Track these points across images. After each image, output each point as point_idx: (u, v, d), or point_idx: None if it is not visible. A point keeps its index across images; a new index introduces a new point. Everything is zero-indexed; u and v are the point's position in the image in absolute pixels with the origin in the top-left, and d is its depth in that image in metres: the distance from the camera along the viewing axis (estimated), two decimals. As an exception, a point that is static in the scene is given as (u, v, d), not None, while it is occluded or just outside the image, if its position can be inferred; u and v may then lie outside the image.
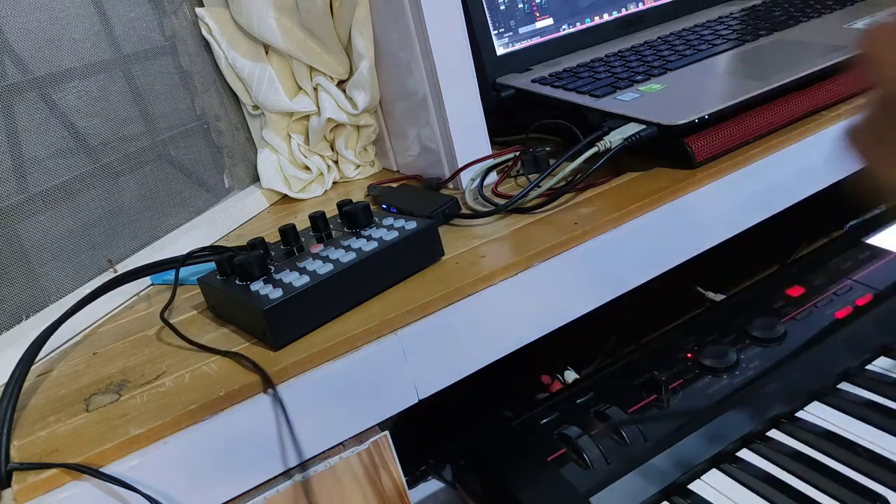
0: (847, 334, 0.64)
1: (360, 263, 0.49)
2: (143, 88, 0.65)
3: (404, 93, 0.68)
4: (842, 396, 0.61)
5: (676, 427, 0.57)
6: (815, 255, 0.76)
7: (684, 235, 0.58)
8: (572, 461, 0.56)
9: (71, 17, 0.59)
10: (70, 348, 0.55)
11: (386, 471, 0.48)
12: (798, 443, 0.57)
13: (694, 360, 0.64)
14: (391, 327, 0.47)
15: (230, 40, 0.71)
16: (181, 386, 0.45)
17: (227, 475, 0.43)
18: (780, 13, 0.81)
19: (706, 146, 0.58)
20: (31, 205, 0.55)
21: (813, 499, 0.52)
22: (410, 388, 0.48)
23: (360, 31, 0.69)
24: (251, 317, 0.47)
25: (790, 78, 0.61)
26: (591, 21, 0.83)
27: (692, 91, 0.64)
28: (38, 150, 0.56)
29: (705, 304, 0.77)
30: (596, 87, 0.68)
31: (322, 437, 0.46)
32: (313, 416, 0.45)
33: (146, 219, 0.65)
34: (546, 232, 0.54)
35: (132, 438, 0.41)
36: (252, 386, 0.44)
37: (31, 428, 0.44)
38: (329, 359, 0.45)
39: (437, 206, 0.60)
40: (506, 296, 0.50)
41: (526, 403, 0.64)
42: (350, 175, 0.80)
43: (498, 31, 0.77)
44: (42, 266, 0.55)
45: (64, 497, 0.39)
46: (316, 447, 0.46)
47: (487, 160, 0.66)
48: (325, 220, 0.55)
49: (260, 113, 0.76)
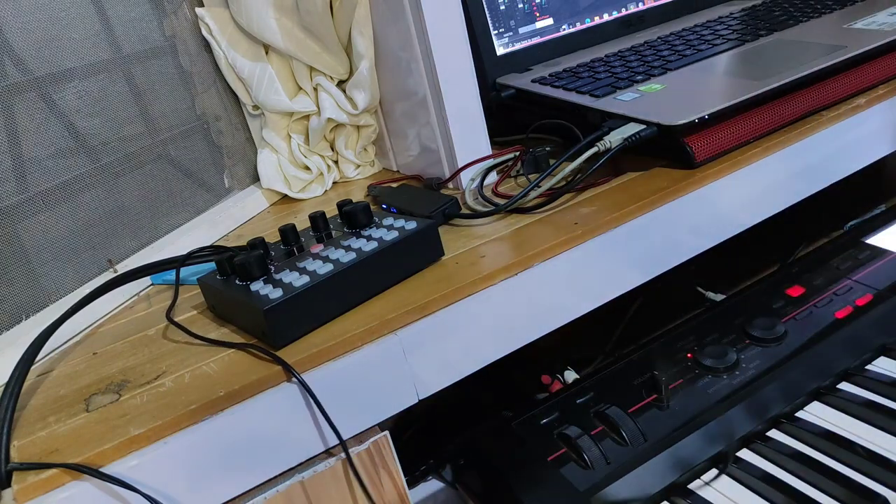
0: (847, 334, 0.64)
1: (360, 263, 0.49)
2: (143, 88, 0.65)
3: (404, 93, 0.68)
4: (842, 396, 0.61)
5: (676, 427, 0.57)
6: (815, 255, 0.76)
7: (684, 235, 0.58)
8: (572, 461, 0.56)
9: (71, 17, 0.59)
10: (70, 348, 0.55)
11: (386, 471, 0.48)
12: (798, 443, 0.57)
13: (694, 360, 0.64)
14: (391, 327, 0.47)
15: (230, 40, 0.71)
16: (181, 386, 0.45)
17: (226, 475, 0.43)
18: (780, 13, 0.81)
19: (706, 146, 0.58)
20: (31, 205, 0.55)
21: (813, 499, 0.52)
22: (410, 388, 0.48)
23: (360, 31, 0.69)
24: (251, 317, 0.47)
25: (790, 78, 0.61)
26: (591, 21, 0.83)
27: (692, 91, 0.64)
28: (38, 150, 0.56)
29: (705, 304, 0.77)
30: (596, 87, 0.68)
31: (322, 436, 0.46)
32: (313, 416, 0.45)
33: (146, 219, 0.65)
34: (546, 232, 0.54)
35: (132, 438, 0.41)
36: (252, 386, 0.44)
37: (31, 428, 0.44)
38: (329, 359, 0.45)
39: (437, 206, 0.60)
40: (506, 296, 0.50)
41: (526, 403, 0.64)
42: (350, 175, 0.80)
43: (498, 31, 0.77)
44: (42, 266, 0.55)
45: (64, 497, 0.39)
46: (316, 447, 0.46)
47: (487, 160, 0.66)
48: (325, 220, 0.55)
49: (260, 113, 0.76)
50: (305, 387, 0.43)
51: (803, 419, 0.59)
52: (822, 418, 0.59)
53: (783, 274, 0.74)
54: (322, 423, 0.45)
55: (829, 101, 0.65)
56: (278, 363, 0.44)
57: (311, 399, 0.43)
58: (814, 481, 0.53)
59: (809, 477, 0.54)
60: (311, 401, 0.44)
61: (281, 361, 0.44)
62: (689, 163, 0.58)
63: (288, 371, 0.43)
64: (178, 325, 0.53)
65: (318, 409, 0.44)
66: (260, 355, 0.46)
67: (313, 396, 0.43)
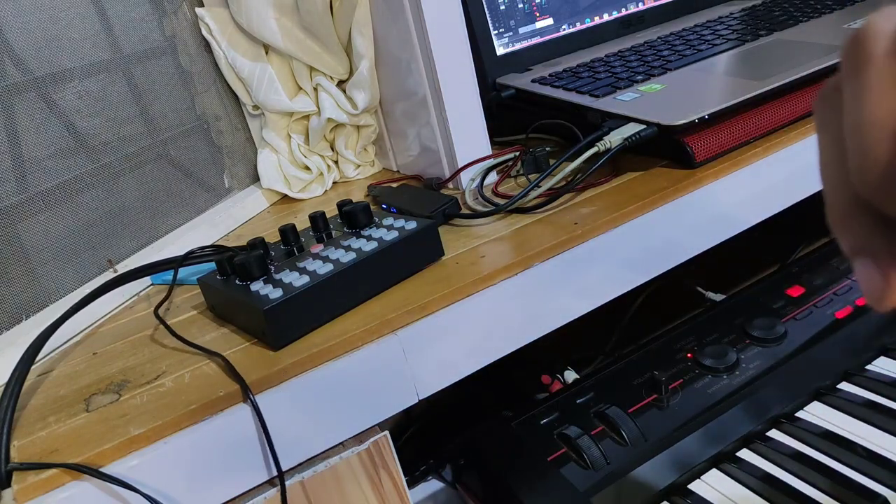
0: (847, 334, 0.64)
1: (360, 263, 0.49)
2: (143, 88, 0.65)
3: (404, 93, 0.68)
4: (842, 396, 0.61)
5: (676, 427, 0.57)
6: (815, 255, 0.76)
7: (684, 235, 0.58)
8: (572, 461, 0.56)
9: (71, 17, 0.59)
10: (70, 348, 0.55)
11: (386, 471, 0.48)
12: (798, 443, 0.57)
13: (694, 360, 0.64)
14: (391, 327, 0.47)
15: (230, 40, 0.71)
16: (181, 386, 0.45)
17: (226, 475, 0.43)
18: (780, 13, 0.81)
19: (706, 146, 0.58)
20: (31, 205, 0.55)
21: (813, 499, 0.52)
22: (410, 388, 0.48)
23: (360, 31, 0.69)
24: (251, 317, 0.47)
25: (790, 78, 0.61)
26: (591, 21, 0.83)
27: (692, 91, 0.64)
28: (38, 150, 0.56)
29: (705, 304, 0.77)
30: (596, 87, 0.68)
31: (322, 436, 0.46)
32: (313, 416, 0.45)
33: (146, 219, 0.65)
34: (546, 232, 0.54)
35: (132, 438, 0.41)
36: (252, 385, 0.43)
37: (31, 428, 0.44)
38: (329, 359, 0.45)
39: (437, 206, 0.60)
40: (506, 296, 0.50)
41: (526, 403, 0.64)
42: (350, 175, 0.80)
43: (498, 31, 0.77)
44: (42, 266, 0.55)
45: (64, 497, 0.39)
46: (316, 447, 0.46)
47: (487, 160, 0.66)
48: (325, 220, 0.55)
49: (260, 113, 0.76)
50: (256, 408, 0.43)
51: (803, 419, 0.59)
52: (822, 418, 0.59)
53: (783, 274, 0.74)
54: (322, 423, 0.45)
55: (829, 101, 0.64)
56: (235, 379, 0.44)
57: (259, 423, 0.43)
58: (814, 481, 0.53)
59: (809, 477, 0.54)
60: (259, 425, 0.43)
61: (240, 380, 0.43)
62: (689, 163, 0.58)
63: (245, 392, 0.43)
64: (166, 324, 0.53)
65: (265, 436, 0.43)
66: (223, 368, 0.46)
67: (261, 418, 0.43)
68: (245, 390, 0.43)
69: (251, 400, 0.42)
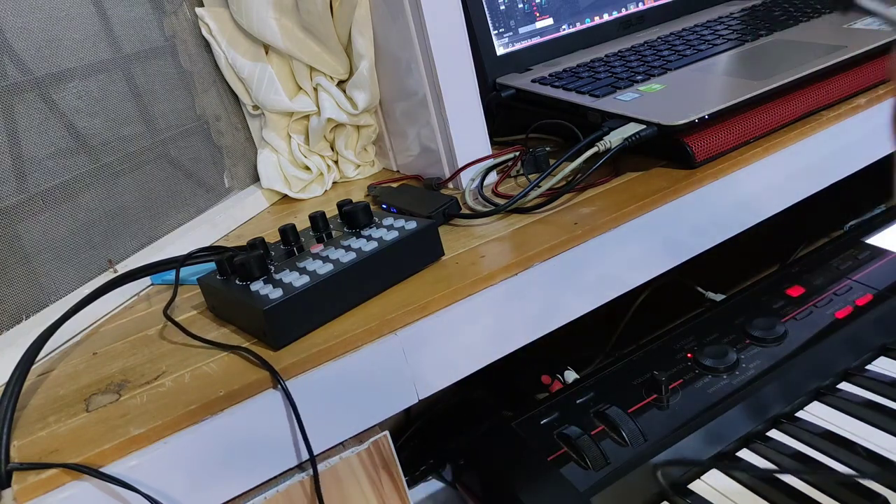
0: (847, 334, 0.64)
1: (360, 263, 0.49)
2: (143, 88, 0.65)
3: (404, 93, 0.68)
4: (842, 396, 0.60)
5: (676, 427, 0.57)
6: (815, 255, 0.76)
7: (684, 235, 0.58)
8: (572, 461, 0.56)
9: (71, 17, 0.59)
10: (70, 348, 0.55)
11: (386, 471, 0.48)
12: (798, 443, 0.57)
13: (694, 360, 0.64)
14: (391, 327, 0.47)
15: (230, 40, 0.71)
16: (181, 386, 0.45)
17: (226, 475, 0.43)
18: (780, 13, 0.81)
19: (706, 146, 0.58)
20: (31, 205, 0.55)
21: (813, 499, 0.52)
22: (410, 388, 0.48)
23: (360, 31, 0.69)
24: (251, 317, 0.47)
25: (790, 78, 0.61)
26: (591, 21, 0.83)
27: (692, 91, 0.64)
28: (38, 150, 0.56)
29: (705, 304, 0.77)
30: (596, 87, 0.68)
31: (322, 436, 0.46)
32: (313, 416, 0.45)
33: (146, 219, 0.65)
34: (546, 232, 0.54)
35: (132, 438, 0.41)
36: (252, 385, 0.44)
37: (31, 428, 0.44)
38: (329, 359, 0.45)
39: (437, 206, 0.60)
40: (506, 296, 0.50)
41: (526, 403, 0.64)
42: (350, 175, 0.80)
43: (498, 31, 0.77)
44: (42, 266, 0.55)
45: (64, 497, 0.39)
46: (316, 447, 0.46)
47: (487, 160, 0.66)
48: (325, 220, 0.55)
49: (260, 113, 0.76)
50: (287, 395, 0.43)
51: (803, 419, 0.59)
52: (822, 418, 0.59)
53: (783, 274, 0.74)
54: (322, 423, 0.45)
55: (829, 101, 0.65)
56: (265, 367, 0.44)
57: (292, 408, 0.43)
58: (814, 481, 0.53)
59: (809, 477, 0.54)
60: (292, 411, 0.43)
61: (267, 366, 0.44)
62: (689, 163, 0.58)
63: (274, 377, 0.43)
64: (176, 322, 0.53)
65: (296, 420, 0.44)
66: (249, 359, 0.46)
67: (293, 406, 0.43)
68: (275, 377, 0.43)
69: (282, 385, 0.43)
